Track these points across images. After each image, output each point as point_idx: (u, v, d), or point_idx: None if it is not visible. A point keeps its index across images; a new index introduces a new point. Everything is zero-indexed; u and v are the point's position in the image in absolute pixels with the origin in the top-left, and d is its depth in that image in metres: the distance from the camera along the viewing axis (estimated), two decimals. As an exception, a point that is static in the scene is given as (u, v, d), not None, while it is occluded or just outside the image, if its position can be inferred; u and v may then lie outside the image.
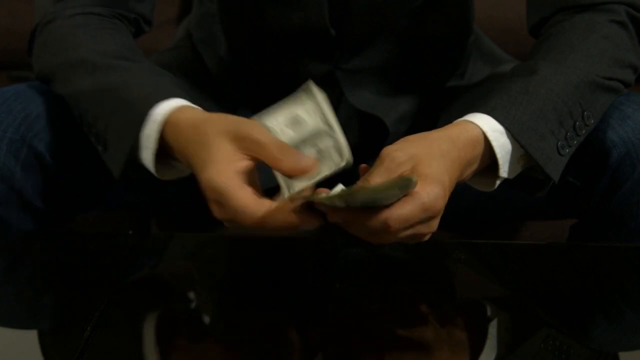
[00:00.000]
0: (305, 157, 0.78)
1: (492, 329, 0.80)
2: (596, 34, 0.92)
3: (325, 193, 0.77)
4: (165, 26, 1.54)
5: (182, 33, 1.17)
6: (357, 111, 1.04)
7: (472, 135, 0.83)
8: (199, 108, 0.85)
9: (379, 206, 0.75)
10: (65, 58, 0.93)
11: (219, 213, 0.77)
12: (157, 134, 0.84)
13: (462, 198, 0.89)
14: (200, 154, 0.79)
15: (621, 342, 0.81)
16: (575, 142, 0.88)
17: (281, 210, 0.75)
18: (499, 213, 1.10)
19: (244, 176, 0.77)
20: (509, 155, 0.85)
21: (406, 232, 0.77)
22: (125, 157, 0.86)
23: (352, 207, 0.75)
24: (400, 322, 0.79)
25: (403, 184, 0.74)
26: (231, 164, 0.76)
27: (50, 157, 0.93)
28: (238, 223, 0.76)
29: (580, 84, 0.88)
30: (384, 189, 0.74)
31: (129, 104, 0.86)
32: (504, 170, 0.85)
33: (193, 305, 0.83)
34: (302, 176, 0.77)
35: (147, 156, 0.85)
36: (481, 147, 0.84)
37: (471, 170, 0.85)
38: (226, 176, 0.76)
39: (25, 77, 1.39)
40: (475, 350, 0.76)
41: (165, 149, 0.85)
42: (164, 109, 0.84)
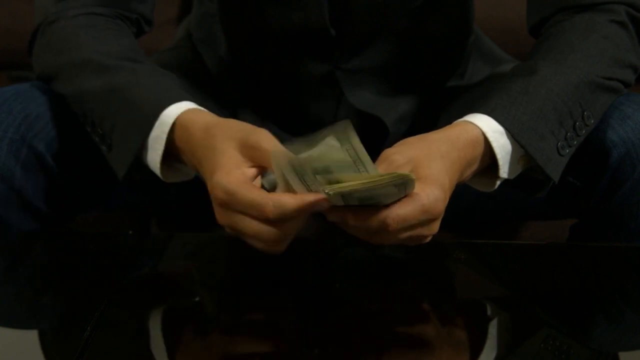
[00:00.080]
0: None
1: (492, 329, 0.80)
2: (596, 34, 0.92)
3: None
4: (165, 26, 1.54)
5: (182, 33, 1.17)
6: (357, 111, 1.04)
7: (472, 136, 0.84)
8: (207, 111, 0.86)
9: (377, 205, 0.75)
10: (69, 58, 0.93)
11: (223, 217, 0.77)
12: (166, 135, 0.84)
13: (462, 198, 0.89)
14: (209, 158, 0.79)
15: (621, 342, 0.81)
16: (575, 142, 0.88)
17: (291, 197, 0.74)
18: (499, 213, 1.10)
19: (251, 181, 0.77)
20: (509, 155, 0.85)
21: (406, 233, 0.77)
22: (131, 158, 0.86)
23: (351, 205, 0.75)
24: (400, 322, 0.79)
25: (399, 180, 0.74)
26: (239, 169, 0.77)
27: (51, 157, 0.93)
28: (242, 227, 0.76)
29: (580, 84, 0.88)
30: (378, 181, 0.74)
31: (136, 105, 0.86)
32: (504, 171, 0.85)
33: (193, 305, 0.83)
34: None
35: (154, 158, 0.85)
36: (481, 148, 0.84)
37: (471, 171, 0.85)
38: (236, 177, 0.76)
39: (25, 77, 1.39)
40: (475, 350, 0.76)
41: (171, 152, 0.85)
42: (174, 112, 0.84)
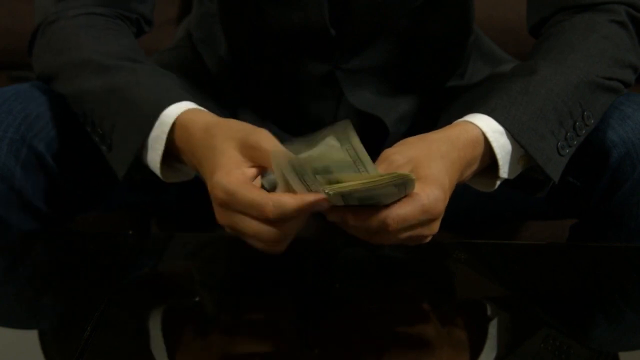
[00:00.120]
0: None
1: (492, 329, 0.80)
2: (596, 34, 0.92)
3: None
4: (165, 26, 1.54)
5: (182, 33, 1.17)
6: (357, 111, 1.04)
7: (472, 136, 0.84)
8: (208, 111, 0.86)
9: (377, 205, 0.75)
10: (69, 58, 0.93)
11: (223, 217, 0.77)
12: (166, 135, 0.84)
13: (462, 198, 0.89)
14: (209, 158, 0.79)
15: (621, 342, 0.81)
16: (575, 142, 0.88)
17: (291, 197, 0.74)
18: (499, 213, 1.10)
19: (251, 181, 0.77)
20: (508, 155, 0.85)
21: (405, 233, 0.77)
22: (131, 158, 0.86)
23: (351, 205, 0.75)
24: (400, 322, 0.79)
25: (399, 180, 0.74)
26: (239, 169, 0.77)
27: (51, 157, 0.93)
28: (242, 227, 0.76)
29: (580, 84, 0.88)
30: (378, 180, 0.74)
31: (136, 105, 0.86)
32: (504, 171, 0.85)
33: (193, 305, 0.83)
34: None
35: (154, 158, 0.85)
36: (481, 148, 0.84)
37: (471, 171, 0.85)
38: (236, 177, 0.76)
39: (25, 77, 1.39)
40: (475, 350, 0.76)
41: (171, 152, 0.85)
42: (174, 112, 0.84)
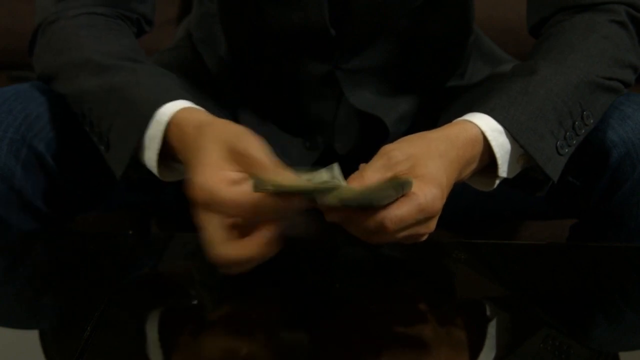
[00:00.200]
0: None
1: (492, 329, 0.80)
2: (596, 34, 0.92)
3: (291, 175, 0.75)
4: (165, 26, 1.54)
5: (182, 33, 1.17)
6: (357, 111, 1.04)
7: (471, 135, 0.84)
8: (204, 110, 0.85)
9: (375, 206, 0.75)
10: (69, 58, 0.93)
11: (201, 219, 0.76)
12: (161, 134, 0.84)
13: (461, 197, 0.89)
14: (195, 158, 0.78)
15: (621, 342, 0.81)
16: (575, 142, 0.88)
17: (269, 196, 0.73)
18: (499, 213, 1.10)
19: (232, 183, 0.76)
20: (508, 154, 0.85)
21: (403, 232, 0.77)
22: (128, 158, 0.85)
23: (348, 206, 0.75)
24: (400, 322, 0.79)
25: (398, 186, 0.74)
26: (222, 171, 0.76)
27: (51, 157, 0.93)
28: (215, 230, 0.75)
29: (580, 84, 0.88)
30: (377, 189, 0.74)
31: (133, 104, 0.86)
32: (503, 170, 0.85)
33: (193, 305, 0.83)
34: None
35: (151, 157, 0.85)
36: (480, 147, 0.84)
37: (470, 170, 0.85)
38: (217, 177, 0.75)
39: (25, 77, 1.39)
40: (475, 350, 0.76)
41: (167, 151, 0.85)
42: (169, 110, 0.84)
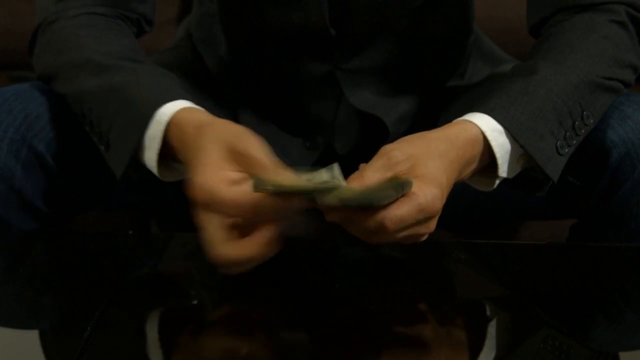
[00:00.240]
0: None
1: (492, 329, 0.80)
2: (596, 34, 0.92)
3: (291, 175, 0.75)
4: (165, 26, 1.54)
5: (182, 33, 1.17)
6: (357, 111, 1.04)
7: (471, 135, 0.84)
8: (204, 110, 0.85)
9: (375, 206, 0.75)
10: (69, 58, 0.93)
11: (201, 219, 0.76)
12: (161, 134, 0.84)
13: (461, 197, 0.89)
14: (195, 158, 0.78)
15: (621, 342, 0.81)
16: (575, 141, 0.88)
17: (269, 196, 0.73)
18: (499, 213, 1.10)
19: (232, 183, 0.76)
20: (508, 154, 0.85)
21: (403, 232, 0.77)
22: (128, 158, 0.85)
23: (349, 206, 0.75)
24: (400, 322, 0.79)
25: (398, 186, 0.74)
26: (222, 171, 0.76)
27: (51, 157, 0.93)
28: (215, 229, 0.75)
29: (580, 84, 0.88)
30: (377, 189, 0.74)
31: (133, 104, 0.86)
32: (503, 170, 0.85)
33: (193, 305, 0.83)
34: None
35: (151, 157, 0.85)
36: (480, 147, 0.84)
37: (470, 170, 0.85)
38: (217, 177, 0.75)
39: (25, 77, 1.39)
40: (475, 350, 0.76)
41: (167, 151, 0.85)
42: (169, 110, 0.84)
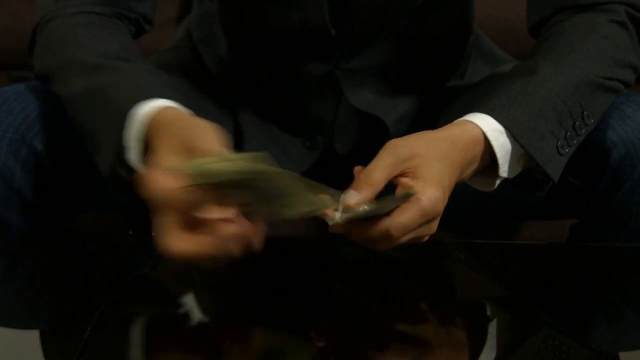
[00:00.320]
0: None
1: (492, 329, 0.80)
2: (596, 34, 0.92)
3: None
4: (165, 26, 1.54)
5: (182, 33, 1.17)
6: (357, 111, 1.04)
7: (472, 135, 0.84)
8: (183, 109, 0.84)
9: (378, 215, 0.75)
10: (63, 58, 0.93)
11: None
12: (139, 134, 0.82)
13: (462, 197, 0.89)
14: (152, 157, 0.77)
15: (621, 342, 0.81)
16: (575, 141, 0.88)
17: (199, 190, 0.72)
18: (499, 213, 1.10)
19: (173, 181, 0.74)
20: (508, 155, 0.85)
21: (407, 236, 0.77)
22: (112, 159, 0.84)
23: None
24: (401, 322, 0.79)
25: (400, 198, 0.75)
26: (164, 171, 0.75)
27: (51, 157, 0.93)
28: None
29: (580, 84, 0.88)
30: (381, 207, 0.75)
31: (114, 105, 0.85)
32: (503, 170, 0.85)
33: (193, 305, 0.83)
34: None
35: (134, 157, 0.84)
36: (481, 147, 0.84)
37: (471, 170, 0.85)
38: (158, 178, 0.74)
39: (25, 77, 1.39)
40: (475, 350, 0.76)
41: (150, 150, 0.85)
42: (146, 109, 0.82)
